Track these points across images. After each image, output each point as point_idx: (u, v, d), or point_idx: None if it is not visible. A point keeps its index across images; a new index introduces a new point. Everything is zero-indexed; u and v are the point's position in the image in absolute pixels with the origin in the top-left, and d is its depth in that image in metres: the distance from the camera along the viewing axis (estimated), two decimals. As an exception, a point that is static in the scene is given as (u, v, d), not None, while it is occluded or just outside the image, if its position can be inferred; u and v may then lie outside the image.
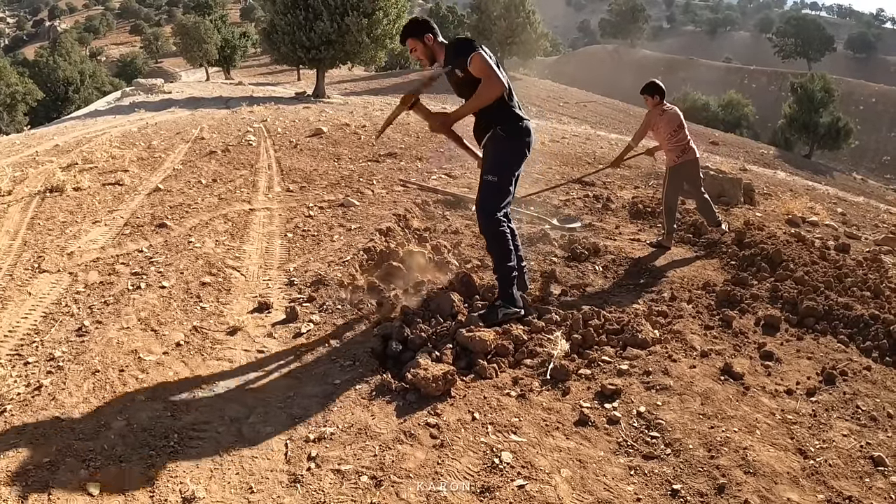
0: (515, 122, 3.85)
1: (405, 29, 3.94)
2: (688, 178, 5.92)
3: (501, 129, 3.83)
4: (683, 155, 5.81)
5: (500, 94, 3.70)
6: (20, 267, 4.79)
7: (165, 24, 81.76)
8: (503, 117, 3.83)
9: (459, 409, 3.01)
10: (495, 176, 3.80)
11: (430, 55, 3.88)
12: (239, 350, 3.58)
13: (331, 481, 2.52)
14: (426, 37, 3.85)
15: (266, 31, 22.03)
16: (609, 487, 2.54)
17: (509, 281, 3.89)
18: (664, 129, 5.78)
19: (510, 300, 3.87)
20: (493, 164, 3.84)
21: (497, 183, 3.80)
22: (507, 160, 3.85)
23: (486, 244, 3.94)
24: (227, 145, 9.41)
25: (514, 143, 3.86)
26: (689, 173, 5.89)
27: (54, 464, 2.57)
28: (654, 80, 5.91)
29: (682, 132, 5.79)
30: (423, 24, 3.90)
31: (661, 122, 5.78)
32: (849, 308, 4.31)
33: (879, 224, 8.72)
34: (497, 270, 3.91)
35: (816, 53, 66.13)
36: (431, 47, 3.86)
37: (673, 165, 5.85)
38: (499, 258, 3.87)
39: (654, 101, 5.81)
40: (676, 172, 5.86)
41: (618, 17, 76.30)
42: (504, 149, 3.84)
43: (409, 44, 3.93)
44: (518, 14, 40.41)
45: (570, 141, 12.82)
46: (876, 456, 2.83)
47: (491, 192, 3.82)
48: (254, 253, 5.13)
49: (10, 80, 28.65)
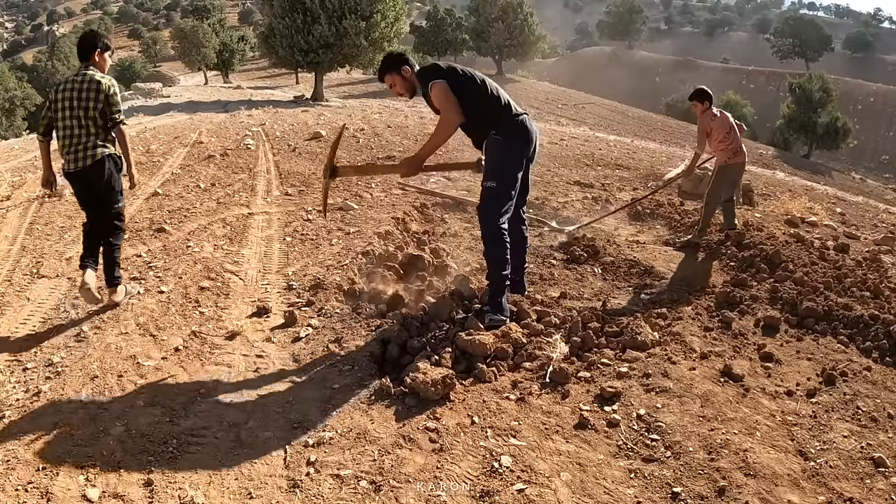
0: (510, 121, 3.84)
1: (382, 66, 3.93)
2: (733, 179, 6.08)
3: (496, 132, 3.82)
4: (735, 157, 5.98)
5: (456, 128, 3.74)
6: (19, 272, 4.79)
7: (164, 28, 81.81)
8: (499, 122, 3.82)
9: (459, 412, 3.00)
10: (494, 181, 3.79)
11: (411, 87, 3.88)
12: (238, 355, 3.58)
13: (330, 486, 2.51)
14: (403, 69, 3.84)
15: (264, 34, 22.03)
16: (609, 491, 2.53)
17: (501, 289, 3.87)
18: (717, 133, 5.94)
19: (498, 308, 3.85)
20: (492, 169, 3.82)
21: (496, 188, 3.79)
22: (507, 163, 3.83)
23: (485, 249, 3.92)
24: (226, 149, 9.41)
25: (511, 144, 3.84)
26: (735, 174, 6.07)
27: (53, 470, 2.57)
28: (701, 87, 6.13)
29: (732, 134, 5.97)
30: (398, 58, 3.90)
31: (713, 125, 5.93)
32: (848, 308, 4.31)
33: (878, 224, 8.72)
34: (490, 276, 3.89)
35: (814, 53, 66.17)
36: (410, 79, 3.85)
37: (724, 164, 5.99)
38: (494, 264, 3.85)
39: (703, 107, 6.00)
40: (725, 171, 5.99)
41: (615, 18, 76.36)
42: (501, 152, 3.82)
43: (387, 80, 3.91)
44: (516, 16, 40.47)
45: (569, 143, 12.82)
46: (876, 457, 2.82)
47: (490, 198, 3.80)
48: (252, 257, 5.13)
49: (8, 85, 28.68)
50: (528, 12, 41.15)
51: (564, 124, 24.60)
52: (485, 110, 3.80)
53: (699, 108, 6.03)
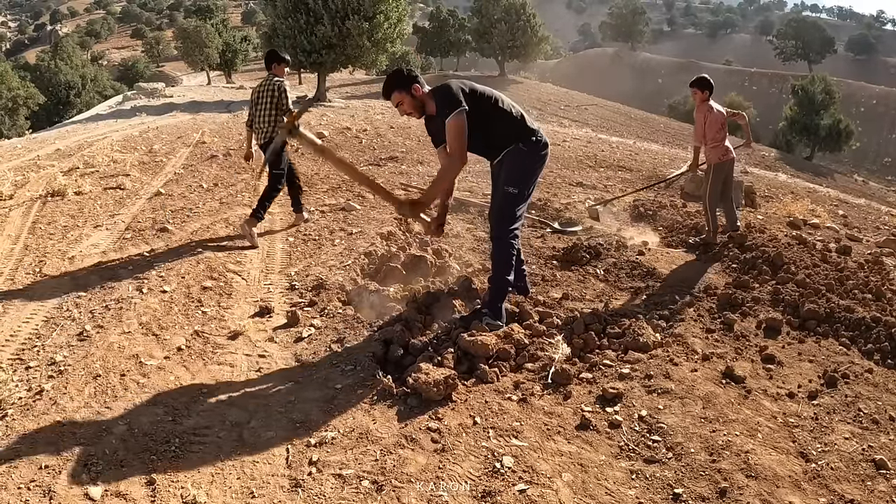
0: (533, 136, 3.85)
1: (390, 82, 3.67)
2: (727, 177, 6.07)
3: (524, 144, 3.82)
4: (727, 154, 5.98)
5: (458, 173, 3.71)
6: (21, 271, 4.80)
7: (167, 28, 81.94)
8: (522, 134, 3.83)
9: (461, 413, 3.01)
10: (516, 188, 3.80)
11: (420, 107, 3.68)
12: (240, 354, 3.59)
13: (332, 486, 2.51)
14: (413, 87, 3.62)
15: (267, 34, 22.00)
16: (610, 492, 2.53)
17: (502, 294, 3.87)
18: (712, 127, 5.88)
19: (497, 313, 3.84)
20: (515, 177, 3.82)
21: (517, 195, 3.81)
22: (529, 172, 3.87)
23: (493, 251, 3.90)
24: (229, 149, 9.43)
25: (535, 157, 3.87)
26: (729, 171, 6.08)
27: (56, 468, 2.58)
28: (703, 76, 6.03)
29: (723, 132, 5.93)
30: (409, 76, 3.65)
31: (709, 118, 5.87)
32: (850, 311, 4.31)
33: (881, 226, 8.71)
34: (493, 280, 3.88)
35: (817, 55, 66.05)
36: (420, 98, 3.65)
37: (718, 163, 5.97)
38: (500, 268, 3.84)
39: (702, 96, 5.92)
40: (721, 169, 5.99)
41: (618, 20, 76.25)
42: (526, 162, 3.84)
43: (395, 98, 3.66)
44: (519, 17, 40.41)
45: (572, 144, 12.82)
46: (878, 459, 2.82)
47: (511, 203, 3.81)
48: (255, 257, 5.13)
49: (11, 85, 28.65)
50: (530, 13, 41.10)
51: (567, 126, 24.59)
52: (506, 124, 3.80)
53: (698, 97, 5.94)
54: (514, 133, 3.82)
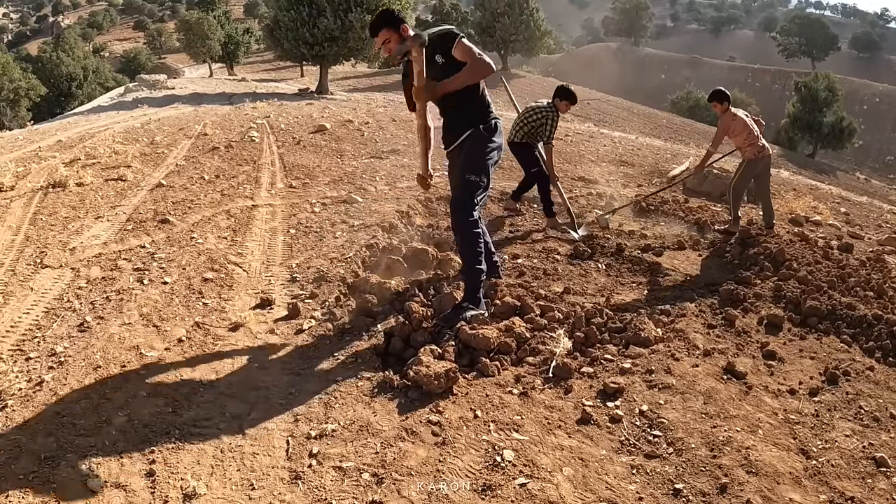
0: (493, 120, 3.86)
1: (379, 19, 3.61)
2: (761, 174, 6.32)
3: (484, 128, 3.81)
4: (762, 151, 6.19)
5: (490, 73, 3.63)
6: (22, 262, 4.80)
7: (169, 20, 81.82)
8: (483, 115, 3.82)
9: (461, 406, 3.00)
10: (478, 175, 3.76)
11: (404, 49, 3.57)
12: (241, 346, 3.58)
13: (332, 478, 2.51)
14: (403, 27, 3.61)
15: (269, 27, 21.97)
16: (611, 486, 2.53)
17: (477, 283, 3.82)
18: (741, 131, 6.12)
19: (476, 302, 3.80)
20: (476, 164, 3.78)
21: (478, 182, 3.76)
22: (489, 159, 3.84)
23: (459, 245, 3.86)
24: (230, 141, 9.40)
25: (494, 142, 3.85)
26: (765, 168, 6.30)
27: (55, 459, 2.58)
28: (720, 88, 6.29)
29: (753, 133, 6.15)
30: (398, 16, 3.64)
31: (735, 125, 6.10)
32: (852, 308, 4.30)
33: (883, 224, 8.68)
34: (466, 272, 3.83)
35: (820, 52, 65.85)
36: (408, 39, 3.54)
37: (752, 159, 6.20)
38: (470, 260, 3.80)
39: (723, 108, 6.16)
40: (754, 164, 6.23)
41: (621, 15, 75.95)
42: (486, 148, 3.82)
43: (381, 36, 3.61)
44: (521, 11, 40.27)
45: (574, 139, 12.77)
46: (878, 457, 2.82)
47: (472, 192, 3.75)
48: (256, 249, 5.13)
49: (13, 76, 28.60)
50: (533, 7, 40.93)
51: (569, 120, 24.54)
52: (480, 101, 3.81)
53: (719, 109, 6.17)
54: (482, 112, 3.81)
